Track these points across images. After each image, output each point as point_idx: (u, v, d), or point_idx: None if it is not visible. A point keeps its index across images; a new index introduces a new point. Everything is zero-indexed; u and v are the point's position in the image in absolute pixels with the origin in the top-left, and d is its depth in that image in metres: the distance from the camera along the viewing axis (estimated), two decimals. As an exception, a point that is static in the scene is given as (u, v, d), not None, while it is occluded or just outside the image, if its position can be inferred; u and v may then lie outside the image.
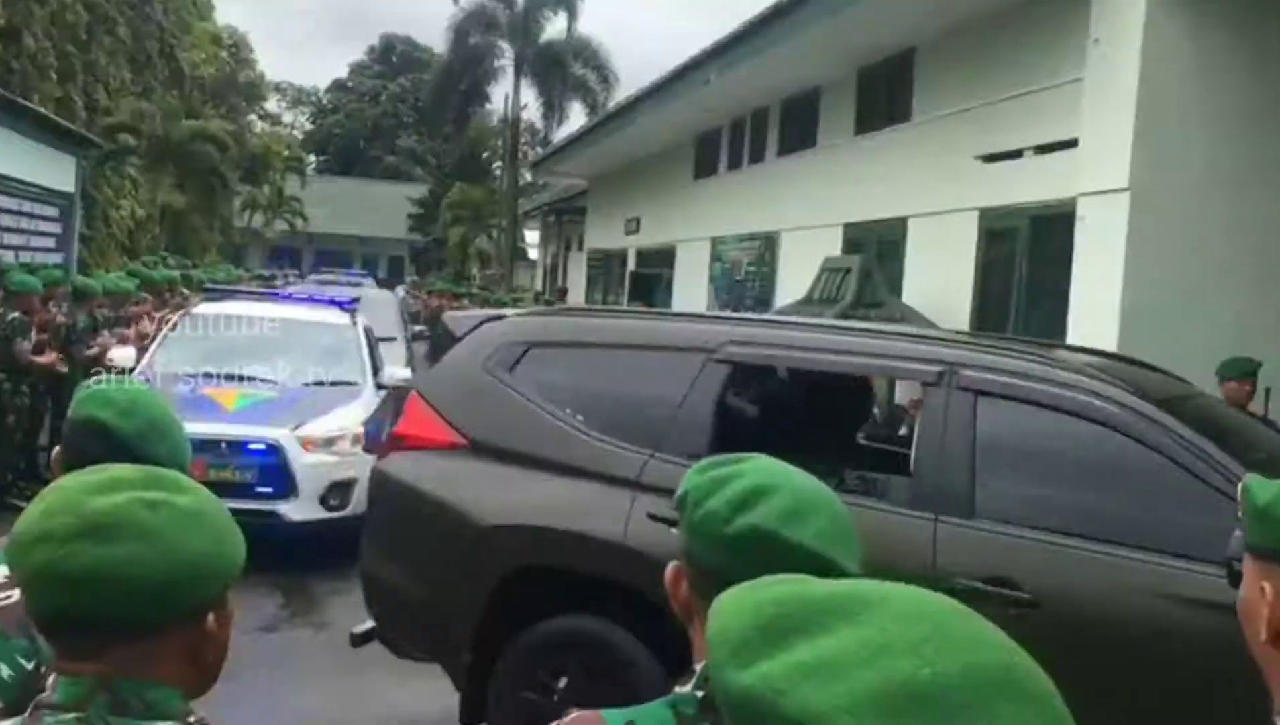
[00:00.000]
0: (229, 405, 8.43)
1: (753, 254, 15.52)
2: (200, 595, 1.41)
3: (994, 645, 0.76)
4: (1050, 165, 8.79)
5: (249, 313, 9.86)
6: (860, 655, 0.73)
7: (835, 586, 0.82)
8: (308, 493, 8.16)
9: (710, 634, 0.83)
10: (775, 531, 1.41)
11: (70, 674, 1.38)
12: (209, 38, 43.15)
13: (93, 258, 26.79)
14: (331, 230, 55.96)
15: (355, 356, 9.68)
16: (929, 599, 0.80)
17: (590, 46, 36.13)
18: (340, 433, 8.46)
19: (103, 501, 1.37)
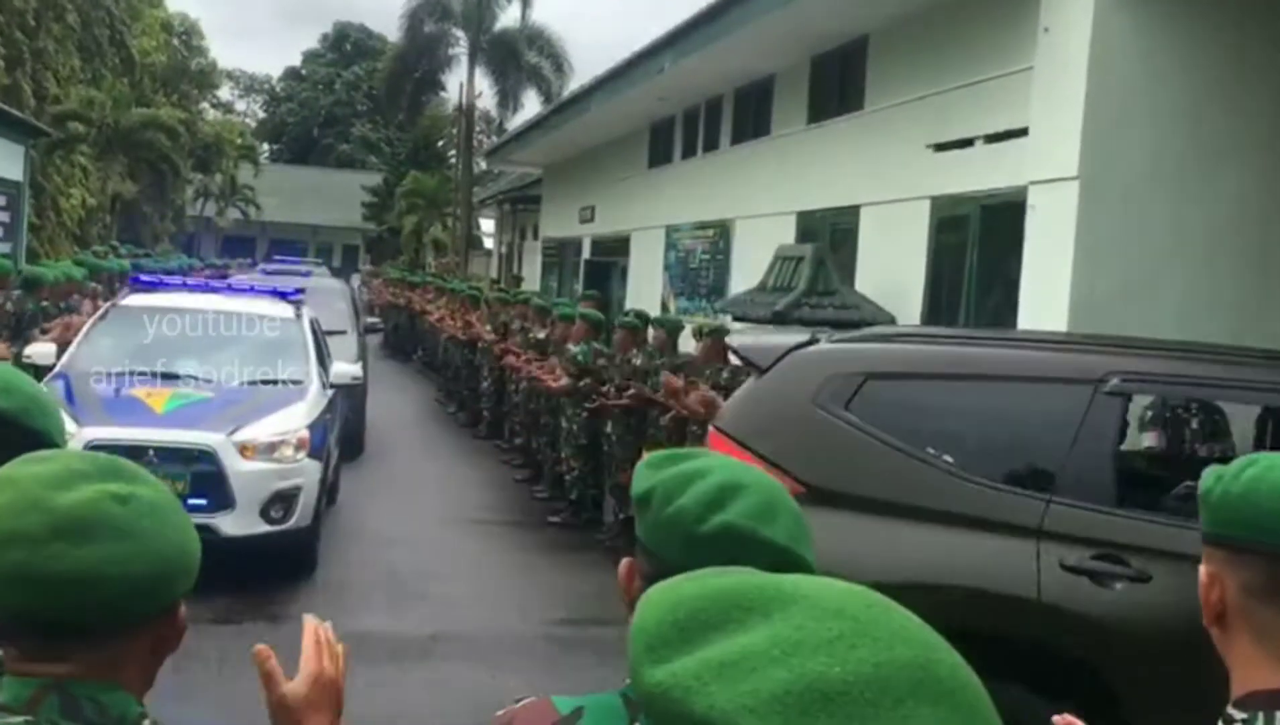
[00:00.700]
0: (158, 407, 7.68)
1: (707, 242, 15.57)
2: (177, 590, 1.38)
3: (913, 642, 0.74)
4: (1001, 154, 8.89)
5: (182, 305, 9.04)
6: (771, 653, 0.72)
7: (756, 581, 0.80)
8: (246, 504, 7.40)
9: (631, 629, 0.81)
10: (752, 529, 1.40)
11: (21, 675, 1.33)
12: (160, 25, 42.59)
13: (42, 247, 26.43)
14: (286, 219, 55.42)
15: (300, 352, 8.96)
16: (852, 595, 0.78)
17: (544, 35, 36.04)
18: (282, 437, 7.73)
19: (72, 497, 1.31)
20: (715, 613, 0.77)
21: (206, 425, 7.52)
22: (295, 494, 7.63)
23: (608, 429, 9.94)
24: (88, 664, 1.32)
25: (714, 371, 8.89)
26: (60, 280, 11.63)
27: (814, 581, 0.79)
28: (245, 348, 8.77)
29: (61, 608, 1.29)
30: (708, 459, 1.51)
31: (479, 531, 10.04)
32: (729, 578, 0.82)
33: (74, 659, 1.32)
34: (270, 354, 8.81)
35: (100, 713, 1.32)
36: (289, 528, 7.60)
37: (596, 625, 7.47)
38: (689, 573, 0.86)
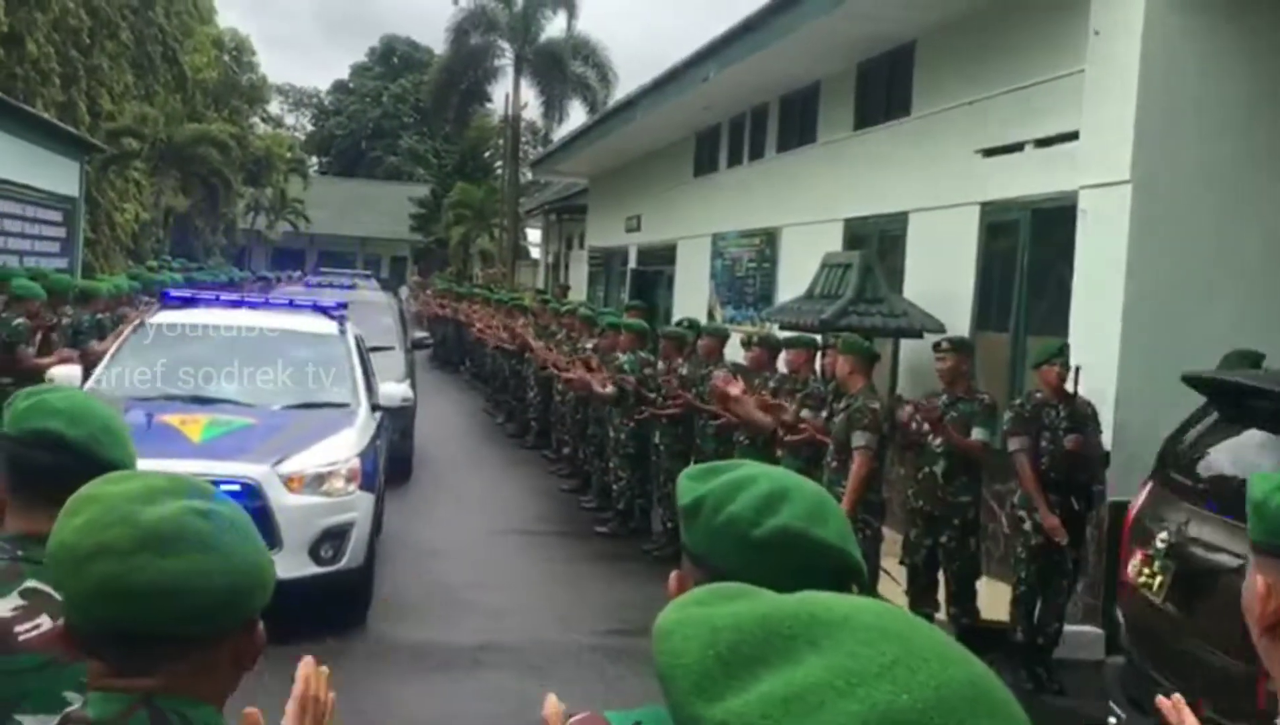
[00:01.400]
0: (195, 436, 7.00)
1: (753, 250, 15.52)
2: (256, 604, 1.40)
3: (960, 661, 0.75)
4: (1051, 158, 8.79)
5: (215, 322, 8.52)
6: (835, 684, 0.71)
7: (787, 606, 0.79)
8: (293, 543, 6.68)
9: (663, 661, 0.80)
10: (805, 531, 1.41)
11: (109, 689, 1.35)
12: (211, 41, 43.18)
13: (97, 261, 26.84)
14: (334, 231, 56.03)
15: (345, 372, 8.32)
16: (886, 613, 0.78)
17: (589, 45, 36.16)
18: (331, 467, 7.04)
19: (157, 511, 1.34)
20: (757, 644, 0.76)
21: (248, 455, 6.84)
22: (346, 531, 6.97)
23: (655, 438, 9.93)
24: (172, 677, 1.34)
25: (762, 380, 8.86)
26: (114, 293, 11.81)
27: (848, 602, 0.79)
28: (285, 368, 8.18)
29: (148, 619, 1.31)
30: (751, 468, 1.52)
31: (527, 542, 10.05)
32: (755, 602, 0.81)
33: (160, 672, 1.34)
34: (313, 374, 8.24)
35: None
36: (340, 569, 6.94)
37: (644, 636, 7.36)
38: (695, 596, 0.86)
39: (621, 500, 10.54)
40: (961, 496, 7.01)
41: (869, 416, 6.90)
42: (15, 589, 1.83)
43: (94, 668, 1.37)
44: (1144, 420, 7.41)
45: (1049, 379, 6.85)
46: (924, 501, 7.12)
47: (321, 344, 8.55)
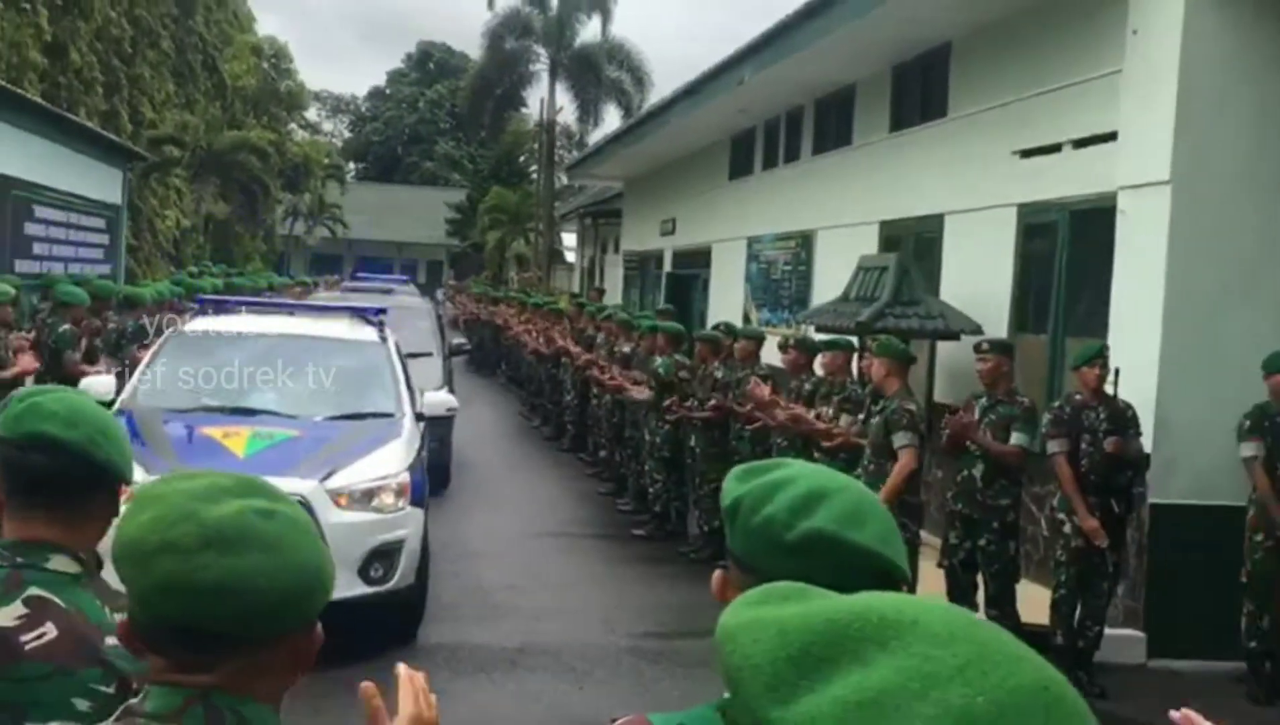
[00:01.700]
0: (238, 450, 6.71)
1: (789, 253, 15.50)
2: (317, 604, 1.42)
3: (1030, 662, 0.75)
4: (1089, 159, 8.73)
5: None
6: (909, 688, 0.71)
7: (854, 607, 0.79)
8: (343, 563, 6.41)
9: (731, 662, 0.80)
10: (838, 534, 1.41)
11: (168, 684, 1.37)
12: (250, 49, 43.57)
13: (139, 268, 27.17)
14: (372, 236, 56.41)
15: (388, 380, 8.03)
16: (953, 614, 0.77)
17: (624, 49, 36.26)
18: (381, 482, 6.77)
19: (221, 510, 1.35)
20: (827, 645, 0.76)
21: (295, 470, 6.50)
22: (397, 549, 6.67)
23: (691, 442, 9.95)
24: (231, 675, 1.36)
25: (798, 382, 8.86)
26: (158, 299, 11.97)
27: (914, 603, 0.78)
28: (327, 377, 7.92)
29: (210, 617, 1.33)
30: (794, 468, 1.52)
31: (564, 544, 10.09)
32: (819, 603, 0.81)
33: (219, 670, 1.36)
34: (355, 383, 7.97)
35: (242, 723, 1.36)
36: (391, 588, 6.66)
37: (681, 638, 7.47)
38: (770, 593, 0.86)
39: (658, 503, 10.57)
40: (1001, 499, 6.98)
41: (907, 417, 6.90)
42: (18, 597, 1.82)
43: (155, 663, 1.39)
44: (1184, 422, 7.37)
45: (1088, 381, 6.82)
46: (963, 504, 7.10)
47: (362, 351, 8.29)
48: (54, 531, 1.90)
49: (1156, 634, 7.37)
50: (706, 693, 1.53)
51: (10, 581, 1.84)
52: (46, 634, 1.80)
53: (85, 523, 1.93)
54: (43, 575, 1.86)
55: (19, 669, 1.78)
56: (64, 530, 1.91)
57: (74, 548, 1.91)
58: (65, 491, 1.91)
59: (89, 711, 1.78)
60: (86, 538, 1.94)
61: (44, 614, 1.82)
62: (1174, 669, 7.22)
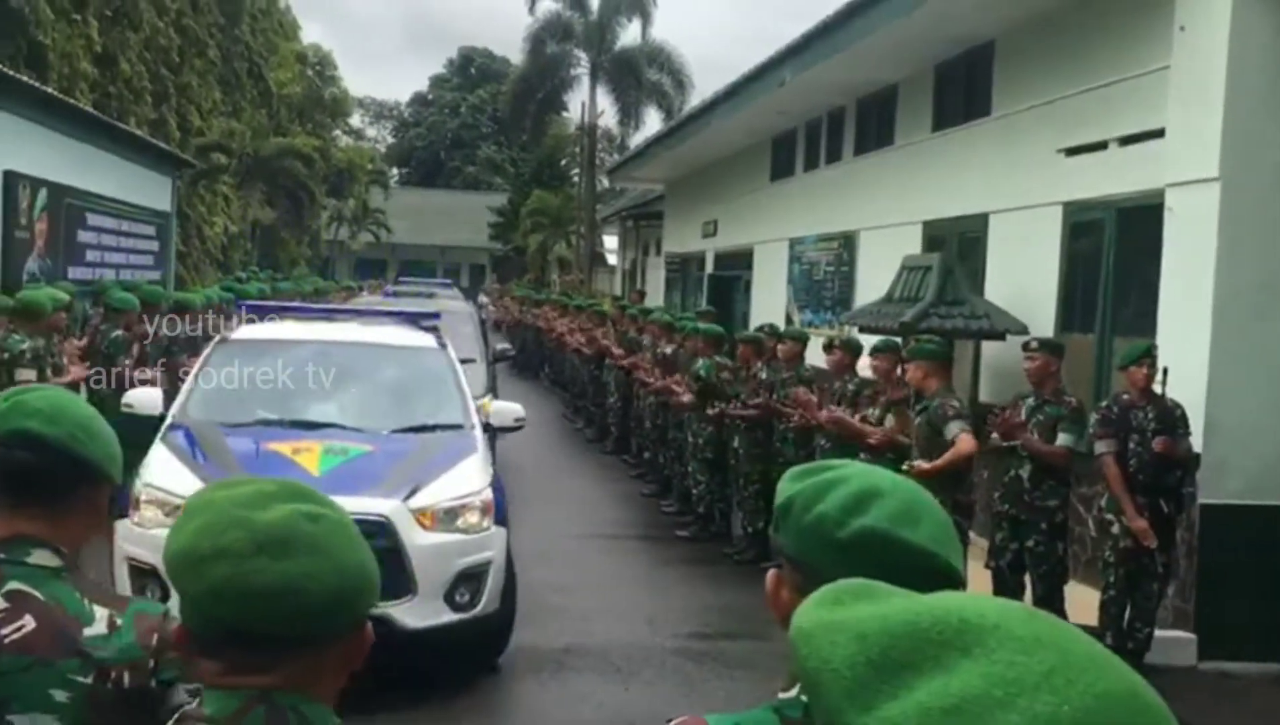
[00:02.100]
0: (312, 467, 6.23)
1: (831, 254, 15.46)
2: (365, 606, 1.46)
3: (1117, 669, 0.73)
4: (1136, 156, 8.66)
5: (304, 336, 8.00)
6: (993, 695, 0.70)
7: (934, 609, 0.77)
8: (429, 588, 5.99)
9: (809, 665, 0.79)
10: (890, 532, 1.41)
11: (226, 688, 1.40)
12: (295, 57, 44.03)
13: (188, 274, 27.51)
14: (415, 241, 56.82)
15: (452, 389, 7.57)
16: (1039, 620, 0.76)
17: (664, 52, 36.32)
18: (464, 500, 6.29)
19: (270, 515, 1.39)
20: (908, 649, 0.74)
21: (375, 488, 6.08)
22: (483, 572, 6.23)
23: (734, 443, 9.95)
24: (288, 675, 1.39)
25: (841, 383, 8.85)
26: (208, 305, 12.12)
27: (994, 607, 0.77)
28: (388, 386, 7.60)
29: (263, 619, 1.36)
30: (848, 468, 1.52)
31: (608, 546, 10.13)
32: (896, 604, 0.80)
33: (276, 671, 1.39)
34: (418, 393, 7.61)
35: (302, 722, 1.39)
36: (477, 615, 6.20)
37: (727, 639, 7.48)
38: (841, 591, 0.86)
39: (701, 504, 10.58)
40: (1048, 500, 6.93)
41: (952, 410, 6.89)
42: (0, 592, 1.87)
43: (209, 667, 1.41)
44: (1234, 421, 7.29)
45: (1136, 380, 6.77)
46: (1010, 505, 7.06)
47: (421, 358, 7.91)
48: (37, 527, 1.94)
49: (1207, 635, 7.29)
50: (753, 694, 1.54)
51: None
52: (25, 626, 1.84)
53: (68, 519, 1.97)
54: (23, 570, 1.90)
55: None
56: (47, 526, 1.94)
57: (56, 543, 1.95)
58: (47, 488, 1.94)
59: (67, 702, 1.82)
60: (70, 533, 1.98)
61: (23, 607, 1.86)
62: (1225, 671, 7.15)
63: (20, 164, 15.64)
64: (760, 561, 9.22)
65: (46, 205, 16.55)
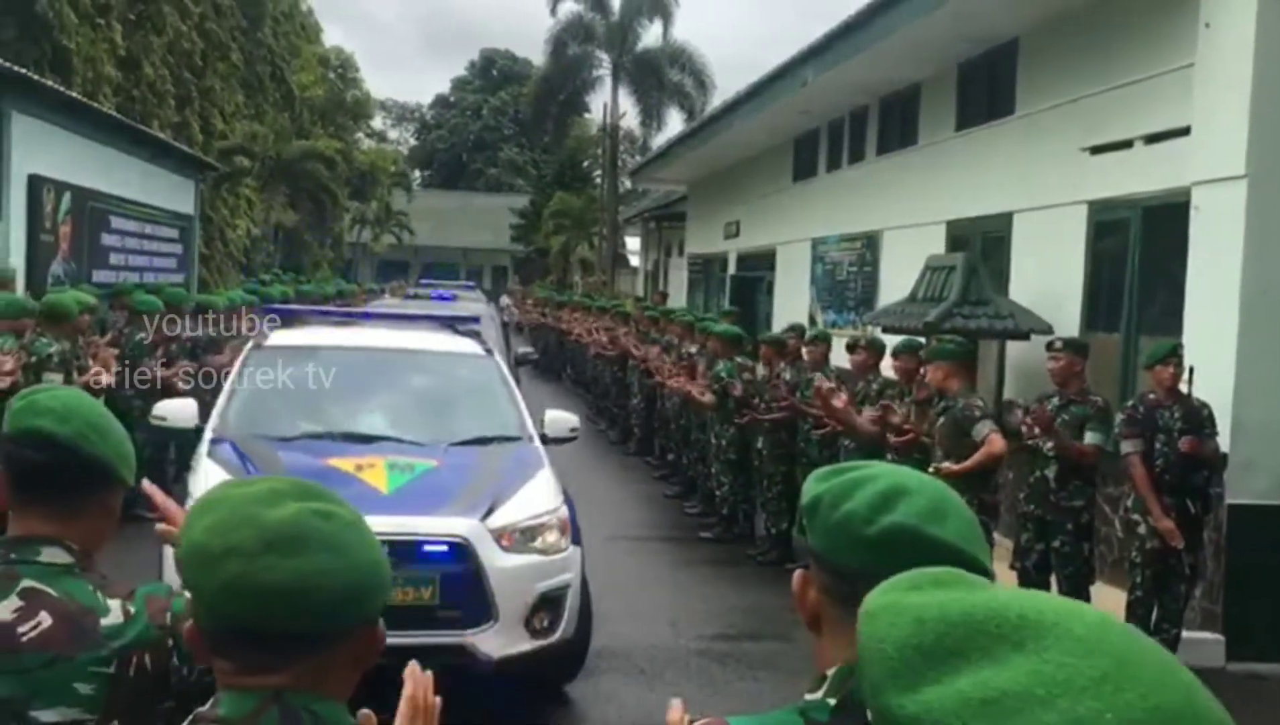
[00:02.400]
0: (380, 484, 5.78)
1: (854, 254, 15.42)
2: (377, 603, 1.45)
3: (1177, 683, 0.71)
4: (1162, 155, 8.60)
5: (342, 342, 7.60)
6: (1035, 692, 0.69)
7: (997, 603, 0.77)
8: (510, 614, 5.57)
9: (865, 642, 0.80)
10: (919, 528, 1.40)
11: (239, 688, 1.39)
12: (317, 60, 44.23)
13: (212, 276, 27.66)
14: (437, 242, 56.99)
15: (506, 398, 7.19)
16: (1101, 624, 0.74)
17: (686, 53, 36.31)
18: (543, 518, 5.88)
19: (280, 513, 1.38)
20: (961, 638, 0.74)
21: (450, 507, 5.71)
22: (562, 596, 5.84)
23: (758, 444, 9.93)
24: (300, 674, 1.39)
25: (865, 383, 8.82)
26: (231, 307, 12.18)
27: (1058, 606, 0.76)
28: (438, 395, 7.22)
29: (275, 617, 1.35)
30: (875, 468, 1.52)
31: (632, 547, 10.12)
32: (966, 593, 0.80)
33: (288, 670, 1.38)
34: (470, 402, 7.23)
35: (316, 722, 1.39)
36: (555, 642, 5.79)
37: (751, 640, 7.46)
38: (921, 577, 0.85)
39: (725, 506, 10.56)
40: (1074, 500, 6.89)
41: (979, 410, 6.88)
42: (13, 591, 1.88)
43: (222, 667, 1.41)
44: (1261, 421, 7.23)
45: (1162, 380, 6.72)
46: (1035, 505, 7.02)
47: (469, 366, 7.54)
48: (49, 526, 1.95)
49: (1235, 637, 7.23)
50: (776, 695, 1.53)
51: (5, 577, 1.90)
52: (42, 623, 1.85)
53: (79, 517, 1.97)
54: (35, 568, 1.91)
55: (19, 660, 1.83)
56: (59, 525, 1.95)
57: (67, 540, 1.95)
58: (57, 486, 1.95)
59: (91, 694, 1.83)
60: (82, 533, 1.98)
61: (38, 604, 1.87)
62: (1254, 672, 7.08)
63: (45, 168, 15.77)
64: (784, 562, 9.20)
65: (70, 209, 16.67)
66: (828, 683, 1.46)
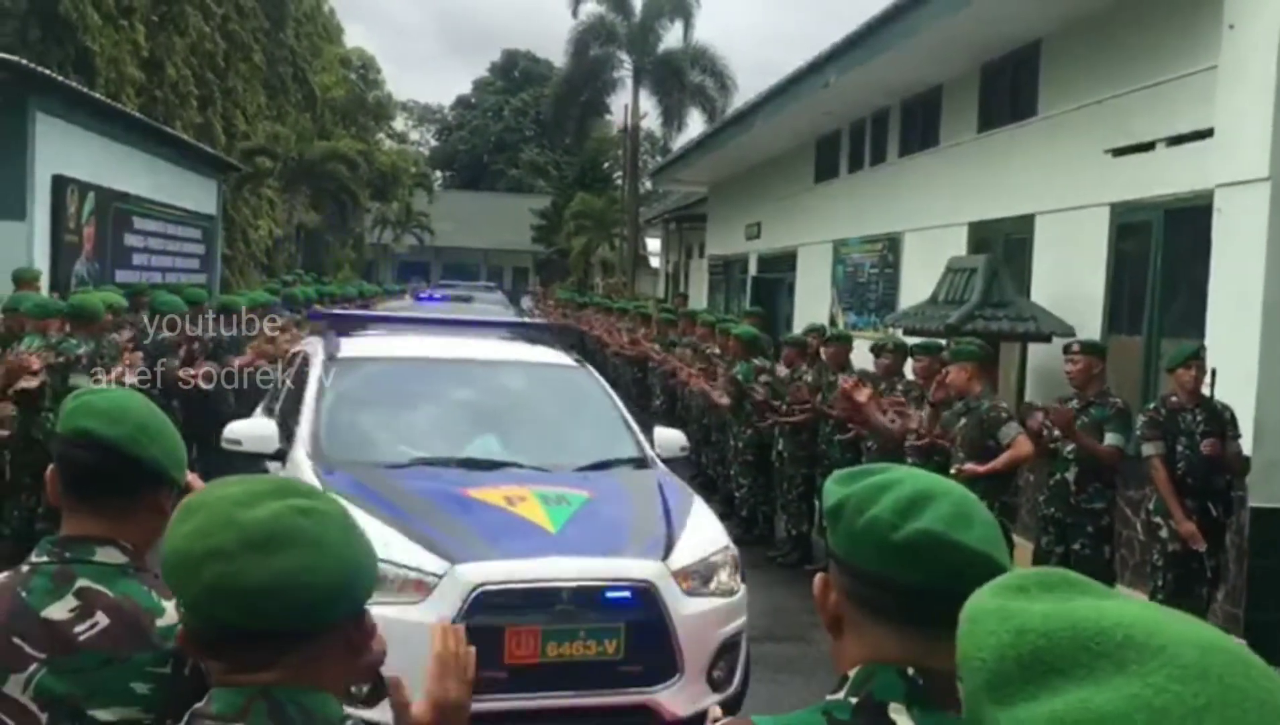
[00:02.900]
0: (542, 521, 5.07)
1: (875, 256, 15.39)
2: (362, 595, 1.46)
3: None
4: (1185, 157, 8.56)
5: (431, 354, 6.85)
6: (1133, 718, 0.66)
7: (1104, 618, 0.74)
8: (695, 666, 4.93)
9: (964, 648, 0.78)
10: (945, 534, 1.40)
11: (229, 685, 1.42)
12: (339, 61, 44.40)
13: (233, 277, 27.80)
14: (458, 243, 57.12)
15: (616, 416, 6.55)
16: (1213, 649, 0.71)
17: (707, 54, 36.27)
18: (717, 556, 5.24)
19: (258, 512, 1.40)
20: (1062, 653, 0.72)
21: (627, 547, 5.07)
22: (739, 643, 5.26)
23: (780, 446, 9.91)
24: (289, 669, 1.41)
25: (889, 384, 8.80)
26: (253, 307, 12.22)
27: (1168, 625, 0.73)
28: (544, 413, 6.61)
29: (259, 616, 1.37)
30: (899, 472, 1.52)
31: (651, 548, 10.10)
32: (1073, 608, 0.77)
33: (277, 666, 1.40)
34: (579, 420, 6.58)
35: (305, 715, 1.40)
36: (731, 694, 5.12)
37: (771, 642, 7.45)
38: (1015, 580, 0.83)
39: (744, 508, 10.55)
40: (1095, 503, 6.87)
41: (1004, 412, 6.88)
42: (69, 590, 1.89)
43: (214, 667, 1.44)
44: (1286, 424, 7.18)
45: (1184, 382, 6.68)
46: (1055, 508, 7.00)
47: (565, 378, 6.86)
48: (101, 526, 1.96)
49: (1258, 640, 7.17)
50: (797, 697, 1.54)
51: (61, 576, 1.91)
52: (98, 623, 1.86)
53: (130, 519, 1.99)
54: (90, 567, 1.92)
55: (76, 660, 1.84)
56: (110, 525, 1.97)
57: (121, 541, 1.97)
58: (108, 487, 1.97)
59: (148, 694, 1.84)
60: (134, 533, 2.00)
61: (94, 604, 1.89)
62: (1277, 678, 7.03)
63: (68, 168, 15.89)
64: (804, 564, 9.18)
65: (94, 209, 16.80)
66: (849, 683, 1.46)
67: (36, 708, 1.83)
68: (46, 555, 1.96)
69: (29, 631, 1.85)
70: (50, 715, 1.83)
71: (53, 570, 1.93)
